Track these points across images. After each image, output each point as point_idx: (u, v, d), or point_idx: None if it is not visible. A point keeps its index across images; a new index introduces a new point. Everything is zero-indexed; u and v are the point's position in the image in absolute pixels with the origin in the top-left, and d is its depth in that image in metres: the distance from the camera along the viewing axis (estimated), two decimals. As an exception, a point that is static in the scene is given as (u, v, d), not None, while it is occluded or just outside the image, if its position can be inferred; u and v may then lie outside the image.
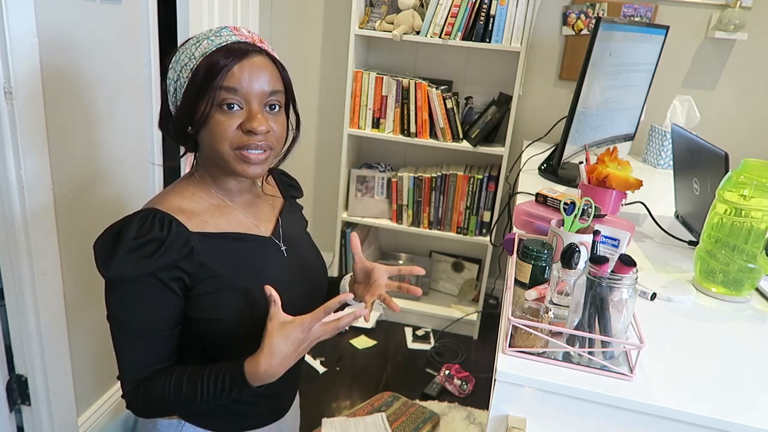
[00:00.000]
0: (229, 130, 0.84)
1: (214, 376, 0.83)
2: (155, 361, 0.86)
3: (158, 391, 0.84)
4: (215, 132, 0.84)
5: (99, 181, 1.59)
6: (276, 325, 0.82)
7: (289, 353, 0.82)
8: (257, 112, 0.84)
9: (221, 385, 0.82)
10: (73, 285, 1.54)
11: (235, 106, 0.84)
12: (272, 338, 0.81)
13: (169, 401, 0.84)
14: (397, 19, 2.30)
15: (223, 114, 0.84)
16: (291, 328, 0.81)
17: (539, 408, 0.80)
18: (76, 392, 1.61)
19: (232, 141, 0.84)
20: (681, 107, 2.18)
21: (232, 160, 0.86)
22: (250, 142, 0.84)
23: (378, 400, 1.71)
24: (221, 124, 0.84)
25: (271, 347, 0.81)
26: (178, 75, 0.85)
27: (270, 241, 0.96)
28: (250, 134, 0.84)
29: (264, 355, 0.80)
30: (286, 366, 0.82)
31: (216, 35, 0.85)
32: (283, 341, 0.81)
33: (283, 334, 0.81)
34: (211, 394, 0.83)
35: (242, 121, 0.84)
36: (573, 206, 1.01)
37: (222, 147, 0.85)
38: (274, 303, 0.83)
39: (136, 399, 0.86)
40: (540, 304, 0.87)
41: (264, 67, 0.85)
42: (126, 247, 0.80)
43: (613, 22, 1.66)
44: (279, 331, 0.81)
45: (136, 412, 0.88)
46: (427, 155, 2.70)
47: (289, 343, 0.81)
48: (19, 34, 1.22)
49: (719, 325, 0.98)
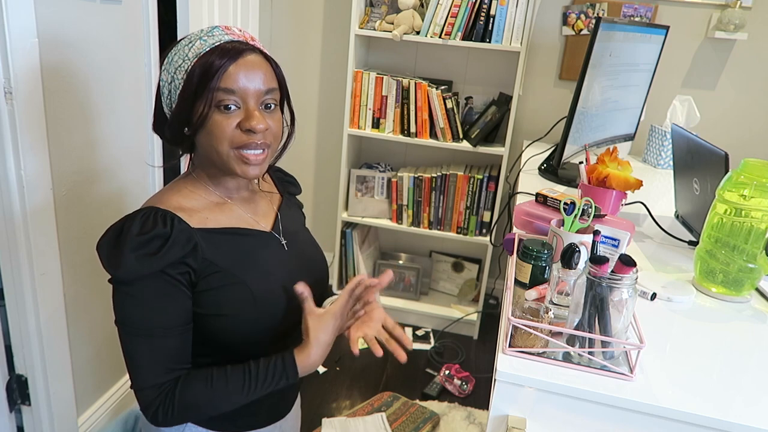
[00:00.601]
0: (227, 130, 0.84)
1: (263, 368, 0.86)
2: (175, 362, 0.84)
3: (199, 391, 0.83)
4: (214, 133, 0.84)
5: (99, 181, 1.59)
6: (315, 319, 0.89)
7: (329, 341, 0.90)
8: (255, 111, 0.84)
9: (271, 377, 0.86)
10: (73, 285, 1.54)
11: (232, 107, 0.84)
12: (315, 331, 0.88)
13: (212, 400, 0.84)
14: (397, 19, 2.30)
15: (221, 114, 0.83)
16: (328, 318, 0.89)
17: (539, 408, 0.80)
18: (76, 392, 1.60)
19: (231, 141, 0.84)
20: (681, 107, 2.18)
21: (232, 161, 0.86)
22: (250, 141, 0.85)
23: (378, 400, 1.71)
24: (219, 124, 0.83)
25: (317, 339, 0.88)
26: (172, 77, 0.85)
27: (271, 236, 0.97)
28: (249, 133, 0.84)
29: (312, 347, 0.87)
30: (325, 355, 0.90)
31: (208, 35, 0.85)
32: (324, 332, 0.88)
33: (323, 325, 0.89)
34: (259, 386, 0.85)
35: (240, 121, 0.84)
36: (573, 206, 1.01)
37: (221, 147, 0.85)
38: (306, 300, 0.90)
39: (167, 406, 0.82)
40: (540, 304, 0.86)
41: (258, 65, 0.85)
42: (131, 245, 0.79)
43: (613, 22, 1.66)
44: (318, 323, 0.89)
45: (164, 421, 0.83)
46: (427, 155, 2.70)
47: (329, 332, 0.89)
48: (19, 33, 1.22)
49: (719, 325, 0.98)
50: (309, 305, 0.90)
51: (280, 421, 1.05)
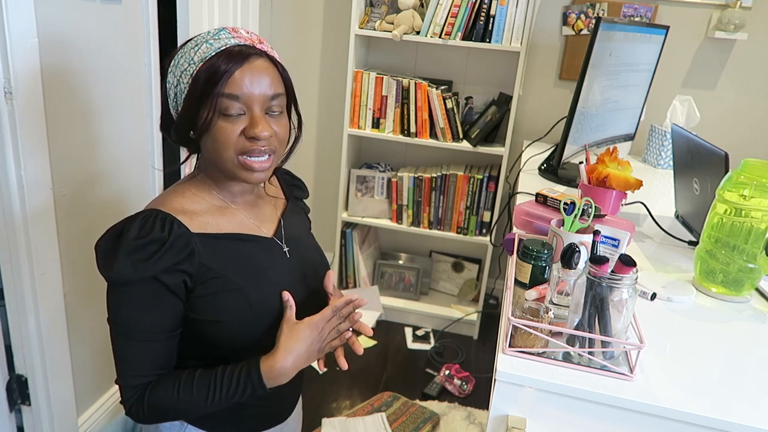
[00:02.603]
0: (231, 136, 0.83)
1: (228, 375, 0.84)
2: (156, 365, 0.85)
3: (166, 395, 0.84)
4: (218, 139, 0.84)
5: (99, 181, 1.59)
6: (289, 326, 0.87)
7: (302, 352, 0.86)
8: (260, 117, 0.84)
9: (235, 385, 0.83)
10: (73, 285, 1.54)
11: (236, 113, 0.83)
12: (285, 338, 0.86)
13: (178, 405, 0.84)
14: (397, 19, 2.30)
15: (226, 121, 0.83)
16: (302, 327, 0.87)
17: (539, 408, 0.80)
18: (76, 392, 1.60)
19: (235, 147, 0.84)
20: (681, 107, 2.18)
21: (236, 168, 0.86)
22: (254, 148, 0.84)
23: (378, 400, 1.71)
24: (224, 130, 0.83)
25: (286, 346, 0.85)
26: (178, 80, 0.85)
27: (272, 242, 0.96)
28: (253, 140, 0.84)
29: (279, 354, 0.84)
30: (298, 366, 0.86)
31: (215, 38, 0.84)
32: (296, 340, 0.86)
33: (296, 333, 0.86)
34: (224, 394, 0.83)
35: (245, 127, 0.84)
36: (573, 206, 1.01)
37: (225, 153, 0.84)
38: (289, 308, 0.89)
39: (138, 405, 0.85)
40: (540, 304, 0.86)
41: (265, 70, 0.85)
42: (127, 248, 0.80)
43: (613, 22, 1.66)
44: (291, 331, 0.86)
45: (137, 419, 0.86)
46: (427, 155, 2.70)
47: (301, 341, 0.86)
48: (19, 34, 1.22)
49: (719, 325, 0.98)
50: (289, 313, 0.89)
51: (281, 424, 1.04)
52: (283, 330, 0.87)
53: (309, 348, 0.87)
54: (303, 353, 0.86)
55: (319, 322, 0.88)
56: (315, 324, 0.87)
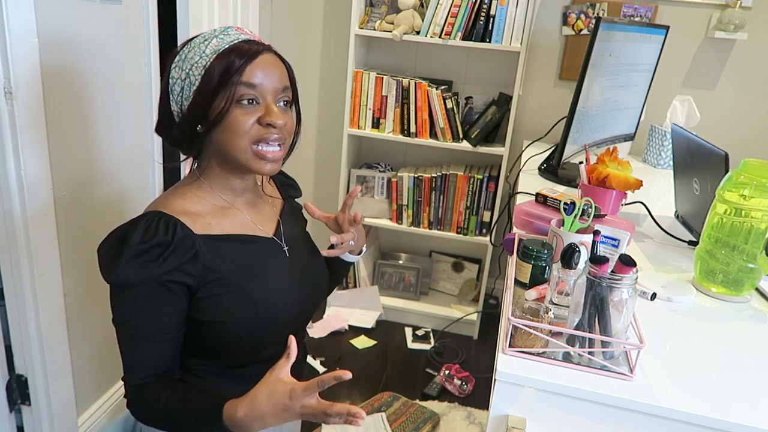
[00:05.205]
0: (246, 124, 0.85)
1: (197, 406, 0.82)
2: (160, 365, 0.86)
3: (152, 402, 0.85)
4: (233, 127, 0.85)
5: (99, 181, 1.59)
6: (272, 378, 0.78)
7: (268, 414, 0.77)
8: (274, 107, 0.86)
9: (201, 419, 0.81)
10: (73, 285, 1.54)
11: (253, 101, 0.85)
12: (258, 390, 0.78)
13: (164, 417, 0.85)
14: (397, 19, 2.30)
15: (242, 109, 0.84)
16: (281, 389, 0.77)
17: (539, 408, 0.80)
18: (76, 392, 1.60)
19: (250, 135, 0.85)
20: (681, 107, 2.18)
21: (249, 158, 0.87)
22: (268, 135, 0.86)
23: (378, 400, 1.71)
24: (239, 119, 0.84)
25: (253, 401, 0.77)
26: (188, 73, 0.85)
27: (272, 242, 0.96)
28: (269, 127, 0.86)
29: (244, 406, 0.77)
30: (261, 426, 0.78)
31: (224, 34, 0.86)
32: (267, 400, 0.77)
33: (271, 391, 0.77)
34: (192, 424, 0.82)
35: (260, 116, 0.85)
36: (573, 206, 1.01)
37: (239, 143, 0.85)
38: (287, 356, 0.80)
39: (134, 402, 0.87)
40: (540, 304, 0.87)
41: (274, 64, 0.87)
42: (130, 252, 0.80)
43: (613, 22, 1.66)
44: (269, 385, 0.78)
45: (135, 416, 0.89)
46: (427, 155, 2.70)
47: (271, 404, 0.76)
48: (19, 34, 1.22)
49: (719, 325, 0.98)
50: (283, 361, 0.80)
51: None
52: (264, 377, 0.79)
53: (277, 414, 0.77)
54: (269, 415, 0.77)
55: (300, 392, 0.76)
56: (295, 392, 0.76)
